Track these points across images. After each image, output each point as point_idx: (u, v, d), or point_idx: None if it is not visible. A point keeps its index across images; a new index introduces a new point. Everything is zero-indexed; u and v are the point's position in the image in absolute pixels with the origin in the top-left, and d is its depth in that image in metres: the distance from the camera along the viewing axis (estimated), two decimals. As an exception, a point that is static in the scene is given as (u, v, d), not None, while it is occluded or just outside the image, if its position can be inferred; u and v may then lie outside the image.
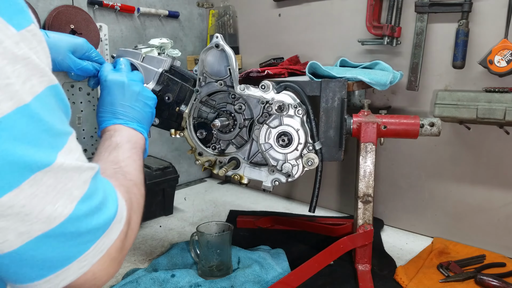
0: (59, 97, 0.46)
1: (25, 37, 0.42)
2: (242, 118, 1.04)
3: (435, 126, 1.05)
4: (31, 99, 0.40)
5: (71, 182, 0.44)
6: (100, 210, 0.48)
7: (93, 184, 0.48)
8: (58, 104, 0.45)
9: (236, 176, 1.05)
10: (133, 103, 0.85)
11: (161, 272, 1.06)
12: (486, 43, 1.14)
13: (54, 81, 0.45)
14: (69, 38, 0.91)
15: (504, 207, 1.20)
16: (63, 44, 0.89)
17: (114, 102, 0.83)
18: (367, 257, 1.09)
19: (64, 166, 0.43)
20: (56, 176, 0.43)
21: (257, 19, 1.72)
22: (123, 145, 0.75)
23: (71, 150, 0.46)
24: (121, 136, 0.78)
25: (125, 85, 0.85)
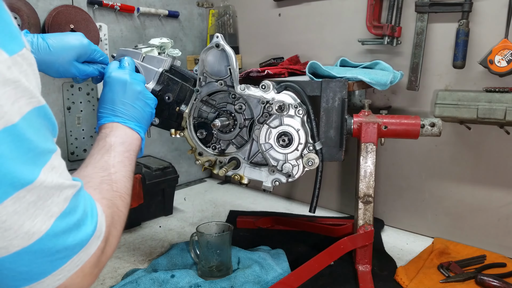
0: (46, 117, 0.48)
1: (17, 62, 0.44)
2: (243, 118, 1.04)
3: (435, 127, 1.04)
4: (19, 119, 0.42)
5: (51, 199, 0.45)
6: (79, 227, 0.49)
7: (73, 201, 0.49)
8: (44, 123, 0.47)
9: (236, 176, 1.05)
10: (134, 102, 0.85)
11: (161, 272, 1.05)
12: (486, 43, 1.14)
13: (42, 102, 0.47)
14: (73, 42, 0.90)
15: (504, 207, 1.20)
16: (67, 54, 0.89)
17: (114, 99, 0.83)
18: (368, 257, 1.09)
19: (45, 183, 0.45)
20: (38, 194, 0.44)
21: (257, 19, 1.72)
22: (116, 148, 0.74)
23: (54, 167, 0.47)
24: (116, 136, 0.77)
25: (127, 83, 0.85)
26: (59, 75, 0.91)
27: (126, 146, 0.77)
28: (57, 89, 1.48)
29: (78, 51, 0.90)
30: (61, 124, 1.50)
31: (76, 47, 0.90)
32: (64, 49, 0.89)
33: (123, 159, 0.73)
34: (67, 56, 0.89)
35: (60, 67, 0.89)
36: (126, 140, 0.78)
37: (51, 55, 0.88)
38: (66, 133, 1.52)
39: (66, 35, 0.91)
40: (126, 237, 1.35)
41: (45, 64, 0.88)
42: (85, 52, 0.91)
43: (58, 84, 1.48)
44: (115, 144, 0.75)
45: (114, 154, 0.73)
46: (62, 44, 0.89)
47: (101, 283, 1.08)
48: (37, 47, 0.87)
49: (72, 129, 1.53)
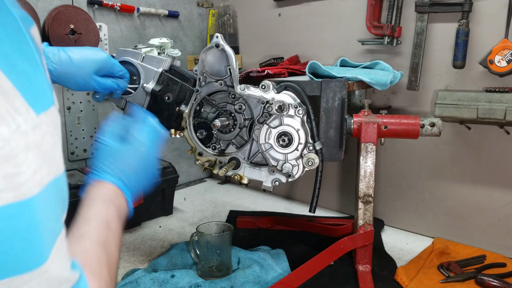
0: (62, 188, 0.43)
1: (43, 122, 0.39)
2: (242, 118, 1.04)
3: (435, 126, 1.04)
4: (38, 193, 0.37)
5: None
6: None
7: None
8: (59, 197, 0.42)
9: (236, 176, 1.05)
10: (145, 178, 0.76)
11: (161, 272, 1.05)
12: (486, 43, 1.14)
13: (61, 170, 0.42)
14: (93, 56, 0.91)
15: (504, 207, 1.20)
16: (87, 66, 0.90)
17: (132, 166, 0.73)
18: (368, 257, 1.09)
19: (49, 273, 0.40)
20: (41, 282, 0.39)
21: (257, 19, 1.72)
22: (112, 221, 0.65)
23: (57, 253, 0.41)
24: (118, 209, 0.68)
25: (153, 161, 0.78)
26: (79, 87, 0.92)
27: (120, 222, 0.67)
28: (57, 89, 1.48)
29: (98, 64, 0.91)
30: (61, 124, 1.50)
31: (97, 60, 0.91)
32: (85, 62, 0.90)
33: (118, 239, 0.65)
34: (87, 69, 0.90)
35: (80, 79, 0.90)
36: (120, 216, 0.68)
37: (72, 67, 0.88)
38: (66, 133, 1.51)
39: (85, 48, 0.93)
40: (126, 237, 1.35)
41: (65, 76, 0.89)
42: (105, 66, 0.92)
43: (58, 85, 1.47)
44: (114, 218, 0.66)
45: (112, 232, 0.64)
46: (83, 57, 0.90)
47: (101, 283, 1.08)
48: (59, 59, 0.87)
49: (72, 129, 1.53)
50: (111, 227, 0.64)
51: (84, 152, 1.57)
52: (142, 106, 1.03)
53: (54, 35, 1.37)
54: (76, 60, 0.88)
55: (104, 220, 0.63)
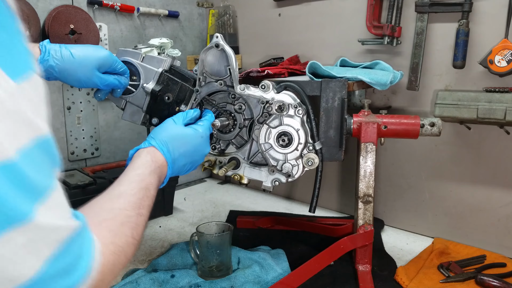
0: (49, 150, 0.44)
1: (22, 88, 0.40)
2: (242, 118, 1.04)
3: (435, 126, 1.04)
4: (16, 154, 0.39)
5: (42, 240, 0.41)
6: (69, 272, 0.45)
7: (67, 243, 0.44)
8: (46, 157, 0.43)
9: (236, 176, 1.05)
10: (192, 161, 0.88)
11: (161, 272, 1.05)
12: (486, 43, 1.14)
13: (45, 133, 0.43)
14: (94, 53, 0.91)
15: (504, 207, 1.20)
16: (89, 62, 0.90)
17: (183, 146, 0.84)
18: (368, 257, 1.09)
19: (39, 224, 0.41)
20: (29, 235, 0.40)
21: (257, 19, 1.72)
22: (151, 190, 0.72)
23: (51, 207, 0.42)
24: (156, 175, 0.75)
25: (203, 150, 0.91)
26: (81, 84, 0.93)
27: (156, 190, 0.74)
28: (57, 89, 1.48)
29: (100, 61, 0.92)
30: (61, 124, 1.50)
31: (99, 57, 0.91)
32: (87, 58, 0.90)
33: (150, 204, 0.70)
34: (89, 65, 0.90)
35: (82, 76, 0.91)
36: (159, 185, 0.76)
37: (74, 63, 0.89)
38: (66, 133, 1.52)
39: (87, 46, 0.93)
40: (126, 237, 1.35)
41: (67, 72, 0.90)
42: (106, 62, 0.93)
43: (58, 84, 1.48)
44: (153, 184, 0.73)
45: (148, 195, 0.69)
46: (85, 54, 0.90)
47: (101, 283, 1.08)
48: (60, 55, 0.88)
49: (72, 129, 1.53)
50: (149, 193, 0.70)
51: (84, 152, 1.57)
52: (142, 106, 1.03)
53: (54, 35, 1.37)
54: (78, 57, 0.89)
55: (144, 184, 0.70)
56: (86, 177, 1.36)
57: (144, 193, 0.68)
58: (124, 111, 1.05)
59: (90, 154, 1.59)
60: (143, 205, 0.67)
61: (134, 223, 0.62)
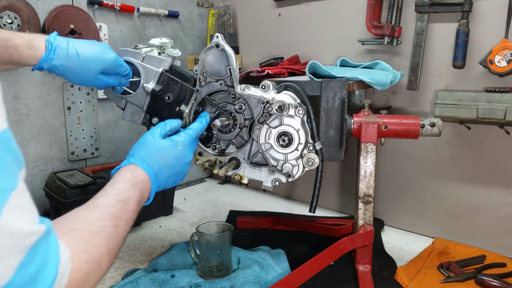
0: (6, 145, 0.41)
1: None
2: (242, 118, 1.04)
3: (435, 126, 1.04)
4: None
5: (11, 248, 0.40)
6: (36, 280, 0.43)
7: (32, 250, 0.43)
8: (5, 155, 0.41)
9: (236, 176, 1.05)
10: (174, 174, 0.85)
11: (161, 272, 1.05)
12: (486, 43, 1.14)
13: (2, 130, 0.41)
14: (102, 56, 0.89)
15: (504, 207, 1.20)
16: (95, 66, 0.89)
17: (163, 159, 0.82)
18: (368, 257, 1.09)
19: (5, 229, 0.39)
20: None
21: (257, 19, 1.72)
22: (131, 203, 0.69)
23: (13, 208, 0.40)
24: (137, 190, 0.73)
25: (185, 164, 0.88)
26: (81, 84, 0.92)
27: (138, 206, 0.72)
28: (57, 89, 1.48)
29: (106, 65, 0.90)
30: (61, 124, 1.50)
31: (105, 60, 0.90)
32: (93, 61, 0.88)
33: (130, 218, 0.68)
34: (94, 68, 0.89)
35: (85, 78, 0.90)
36: (141, 200, 0.74)
37: (79, 65, 0.87)
38: (66, 133, 1.52)
39: (93, 44, 0.90)
40: (126, 237, 1.35)
41: (70, 72, 0.88)
42: (112, 67, 0.92)
43: (58, 84, 1.48)
44: (133, 198, 0.71)
45: (127, 209, 0.68)
46: (92, 56, 0.88)
47: (101, 283, 1.08)
48: (66, 55, 0.86)
49: (72, 129, 1.53)
50: (128, 207, 0.68)
51: (84, 152, 1.57)
52: (142, 106, 1.03)
53: (54, 35, 1.37)
54: (84, 59, 0.87)
55: (123, 197, 0.68)
56: (86, 177, 1.36)
57: (122, 206, 0.66)
58: (124, 111, 1.05)
59: (90, 154, 1.59)
60: (120, 217, 0.65)
61: (109, 233, 0.60)
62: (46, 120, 1.46)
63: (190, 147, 0.89)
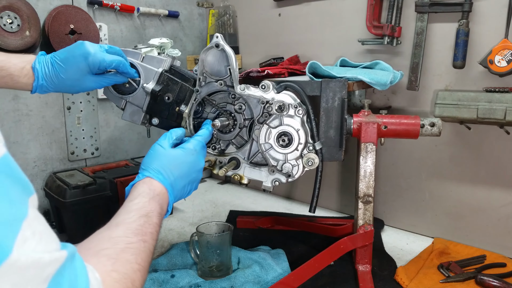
0: (9, 173, 0.38)
1: None
2: (242, 118, 1.04)
3: (435, 126, 1.04)
4: None
5: (29, 282, 0.37)
6: None
7: (56, 279, 0.40)
8: (9, 182, 0.38)
9: (236, 176, 1.05)
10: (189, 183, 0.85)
11: (161, 272, 1.05)
12: (486, 43, 1.14)
13: (2, 156, 0.38)
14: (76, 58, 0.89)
15: (504, 207, 1.20)
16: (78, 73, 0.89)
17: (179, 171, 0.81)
18: (368, 257, 1.09)
19: (20, 262, 0.36)
20: (12, 279, 0.35)
21: (257, 19, 1.72)
22: (153, 217, 0.69)
23: (27, 238, 0.37)
24: (157, 203, 0.73)
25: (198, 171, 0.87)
26: (78, 91, 0.94)
27: (160, 219, 0.71)
28: (57, 89, 1.48)
29: (84, 66, 0.89)
30: (61, 124, 1.50)
31: (80, 62, 0.89)
32: (70, 68, 0.89)
33: (154, 232, 0.67)
34: (77, 74, 0.89)
35: (77, 87, 0.91)
36: (161, 213, 0.73)
37: (62, 79, 0.89)
38: (66, 133, 1.52)
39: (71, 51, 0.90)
40: (126, 237, 1.35)
41: (61, 87, 0.90)
42: (92, 65, 0.89)
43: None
44: (154, 212, 0.70)
45: (150, 223, 0.67)
46: (67, 65, 0.89)
47: (101, 283, 1.08)
48: (51, 79, 0.89)
49: (72, 129, 1.53)
50: (151, 220, 0.67)
51: (84, 152, 1.57)
52: (142, 106, 1.03)
53: (54, 35, 1.37)
54: (66, 70, 0.88)
55: (144, 211, 0.68)
56: (86, 177, 1.36)
57: (145, 220, 0.66)
58: (124, 111, 1.05)
59: (90, 154, 1.59)
60: (146, 232, 0.64)
61: (137, 249, 0.59)
62: (46, 120, 1.46)
63: (201, 153, 0.89)
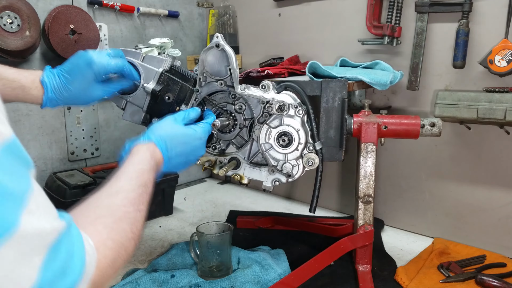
0: (16, 152, 0.42)
1: None
2: (243, 118, 1.04)
3: (435, 126, 1.04)
4: None
5: (33, 250, 0.41)
6: (65, 273, 0.44)
7: (56, 246, 0.43)
8: (16, 161, 0.42)
9: (236, 176, 1.05)
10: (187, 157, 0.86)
11: (161, 272, 1.05)
12: (486, 43, 1.14)
13: (8, 136, 0.42)
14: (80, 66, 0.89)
15: (504, 207, 1.20)
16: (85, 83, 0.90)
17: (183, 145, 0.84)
18: (368, 257, 1.09)
19: (26, 231, 0.40)
20: (19, 247, 0.39)
21: (257, 19, 1.72)
22: (149, 185, 0.71)
23: (32, 210, 0.41)
24: (154, 171, 0.75)
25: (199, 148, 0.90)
26: (88, 102, 0.94)
27: (153, 187, 0.73)
28: (57, 89, 1.48)
29: (90, 75, 0.89)
30: (61, 124, 1.50)
31: (85, 72, 0.89)
32: (77, 79, 0.89)
33: (148, 200, 0.69)
34: (83, 84, 0.90)
35: (86, 98, 0.92)
36: (154, 182, 0.74)
37: (70, 91, 0.90)
38: (66, 133, 1.52)
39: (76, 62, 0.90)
40: (126, 237, 1.35)
41: (70, 99, 0.91)
42: (97, 72, 0.90)
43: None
44: (152, 181, 0.72)
45: (147, 192, 0.69)
46: (73, 76, 0.89)
47: (101, 283, 1.08)
48: (58, 88, 0.89)
49: (72, 129, 1.53)
50: (148, 190, 0.70)
51: (84, 152, 1.57)
52: (142, 106, 1.03)
53: (54, 35, 1.37)
54: (74, 85, 0.89)
55: (143, 180, 0.70)
56: (86, 177, 1.36)
57: (143, 190, 0.68)
58: (125, 111, 1.05)
59: (90, 154, 1.59)
60: (142, 201, 0.66)
61: (133, 218, 0.62)
62: (46, 120, 1.46)
63: (205, 142, 0.92)
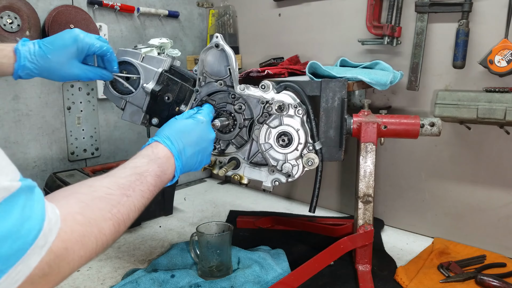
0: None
1: None
2: (242, 118, 1.04)
3: (435, 126, 1.04)
4: None
5: None
6: (16, 234, 0.43)
7: (5, 205, 0.43)
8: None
9: (236, 176, 1.05)
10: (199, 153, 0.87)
11: (161, 272, 1.05)
12: (486, 43, 1.14)
13: None
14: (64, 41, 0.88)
15: (504, 207, 1.20)
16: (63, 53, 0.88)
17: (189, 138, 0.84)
18: (368, 257, 1.09)
19: None
20: None
21: (257, 19, 1.72)
22: (148, 177, 0.70)
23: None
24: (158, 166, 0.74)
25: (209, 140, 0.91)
26: (63, 78, 0.91)
27: (158, 181, 0.73)
28: (57, 89, 1.48)
29: (73, 49, 0.88)
30: (61, 124, 1.50)
31: (69, 44, 0.88)
32: (58, 50, 0.88)
33: (146, 191, 0.69)
34: (64, 56, 0.88)
35: (61, 70, 0.89)
36: (161, 176, 0.74)
37: (48, 61, 0.88)
38: (66, 133, 1.52)
39: (60, 35, 0.89)
40: (126, 237, 1.35)
41: (47, 70, 0.89)
42: (81, 48, 0.89)
43: (58, 84, 1.48)
44: (151, 172, 0.71)
45: (143, 181, 0.68)
46: (55, 46, 0.88)
47: (101, 283, 1.08)
48: (34, 54, 0.87)
49: (72, 129, 1.53)
50: (144, 179, 0.69)
51: (84, 152, 1.57)
52: (142, 106, 1.03)
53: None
54: (50, 52, 0.87)
55: (139, 170, 0.70)
56: (86, 177, 1.36)
57: (137, 178, 0.68)
58: (124, 111, 1.06)
59: (90, 154, 1.59)
60: (134, 188, 0.65)
61: (115, 201, 0.61)
62: (46, 120, 1.46)
63: (210, 124, 0.93)
